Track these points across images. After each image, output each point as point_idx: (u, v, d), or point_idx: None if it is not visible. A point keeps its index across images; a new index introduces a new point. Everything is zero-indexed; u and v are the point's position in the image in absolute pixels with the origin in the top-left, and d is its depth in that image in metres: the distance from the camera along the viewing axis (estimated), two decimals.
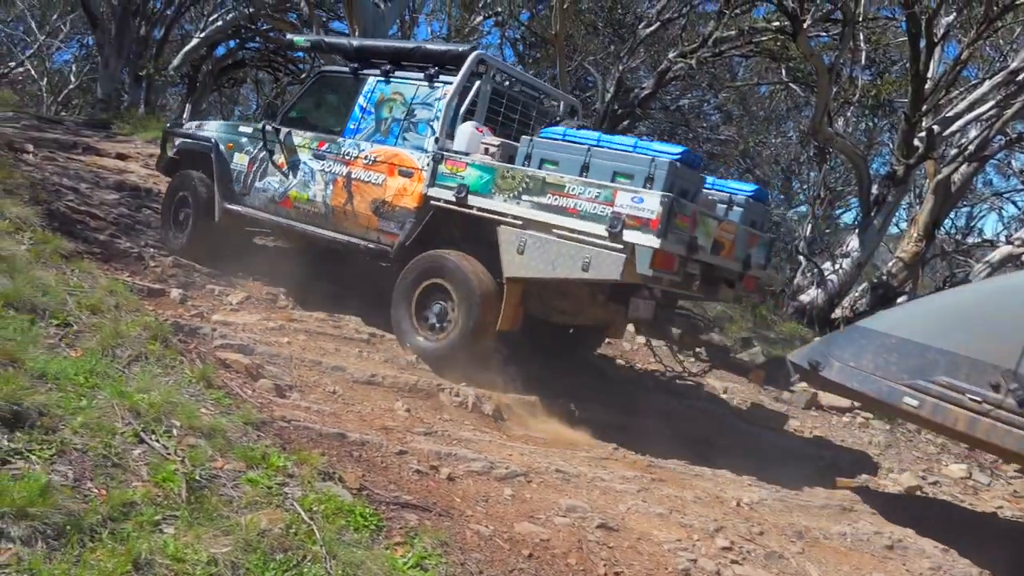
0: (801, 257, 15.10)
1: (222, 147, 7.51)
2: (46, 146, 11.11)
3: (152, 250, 7.34)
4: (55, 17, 23.65)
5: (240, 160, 7.40)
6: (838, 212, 21.03)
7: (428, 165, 6.10)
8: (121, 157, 11.61)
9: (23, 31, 24.22)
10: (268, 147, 7.14)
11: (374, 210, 6.42)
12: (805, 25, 9.91)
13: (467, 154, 6.00)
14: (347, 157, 6.66)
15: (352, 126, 6.78)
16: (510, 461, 4.71)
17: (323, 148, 6.85)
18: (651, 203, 4.99)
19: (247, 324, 6.00)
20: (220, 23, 19.23)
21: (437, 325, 5.97)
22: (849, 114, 15.15)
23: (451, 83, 6.23)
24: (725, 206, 6.22)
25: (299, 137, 7.02)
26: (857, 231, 12.65)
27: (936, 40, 10.89)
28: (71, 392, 3.46)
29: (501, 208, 5.66)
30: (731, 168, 18.61)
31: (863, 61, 13.03)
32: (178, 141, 7.97)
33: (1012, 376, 4.24)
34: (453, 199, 5.90)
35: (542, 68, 17.17)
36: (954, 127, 11.58)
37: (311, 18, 14.99)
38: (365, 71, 6.91)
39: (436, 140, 6.16)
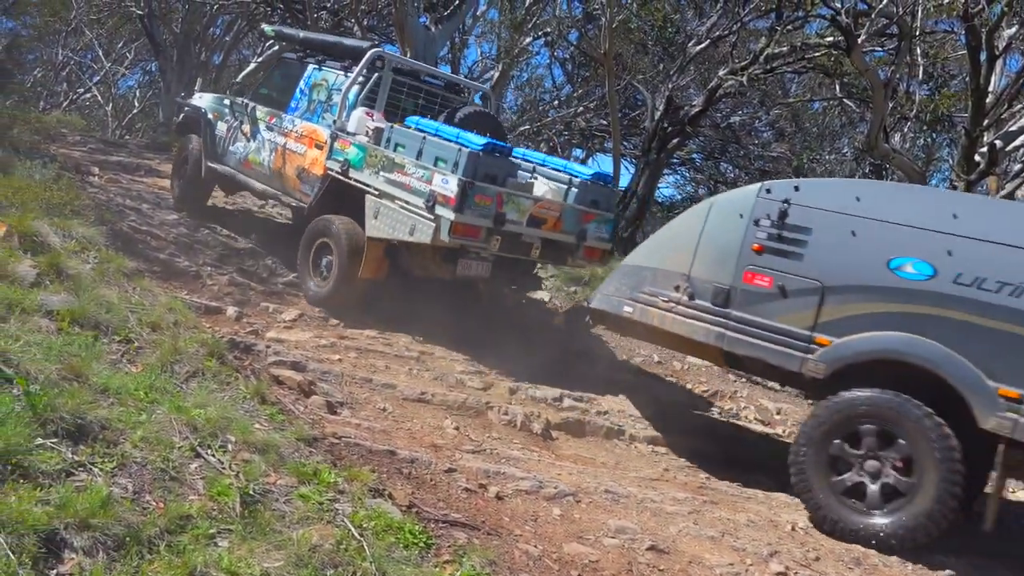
0: None
1: (209, 115, 8.89)
2: (111, 169, 11.54)
3: (209, 268, 7.53)
4: (120, 45, 24.59)
5: (221, 127, 8.75)
6: None
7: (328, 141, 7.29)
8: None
9: (91, 59, 25.24)
10: (238, 118, 8.51)
11: (297, 175, 7.66)
12: (860, 40, 9.75)
13: (353, 134, 7.12)
14: (285, 130, 7.91)
15: (293, 105, 8.02)
16: (559, 480, 4.69)
17: (272, 121, 8.13)
18: (451, 185, 6.08)
19: (300, 341, 6.11)
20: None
21: (325, 274, 7.09)
22: (906, 130, 14.81)
23: (360, 76, 7.41)
24: (566, 186, 7.09)
25: (260, 111, 8.30)
26: None
27: (998, 53, 10.59)
28: (132, 407, 3.56)
29: (367, 180, 6.79)
30: None
31: (920, 75, 12.73)
32: (186, 109, 9.57)
33: (686, 278, 5.53)
34: (339, 171, 7.06)
35: (591, 87, 17.22)
36: (1017, 141, 11.20)
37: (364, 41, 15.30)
38: (307, 60, 8.15)
39: (334, 121, 7.30)
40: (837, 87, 13.61)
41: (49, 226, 5.63)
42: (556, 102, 18.73)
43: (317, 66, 7.97)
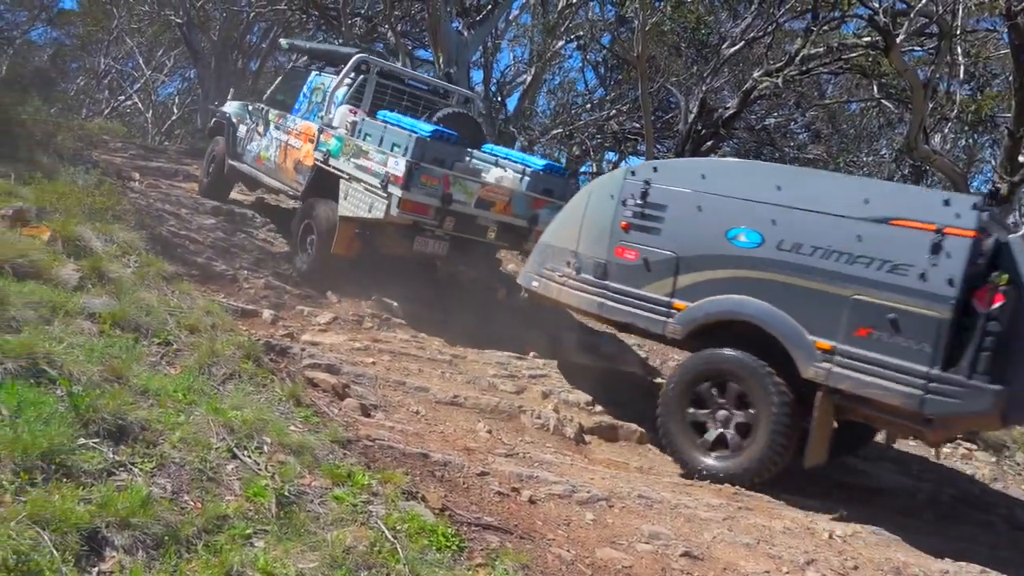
0: None
1: (233, 120, 9.97)
2: (150, 174, 11.77)
3: (246, 272, 7.64)
4: (160, 53, 25.08)
5: (242, 130, 9.80)
6: None
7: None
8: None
9: (132, 67, 25.77)
10: (255, 121, 9.51)
11: (294, 167, 8.55)
12: (898, 40, 9.59)
13: (335, 128, 7.89)
14: (288, 128, 8.84)
15: (296, 107, 8.96)
16: (592, 485, 4.67)
17: (280, 121, 9.05)
18: (400, 166, 6.83)
19: (334, 344, 6.17)
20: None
21: (309, 251, 7.89)
22: (947, 131, 14.50)
23: (347, 79, 8.27)
24: (521, 175, 7.77)
25: (272, 113, 9.26)
26: None
27: None
28: (170, 408, 3.62)
29: (342, 167, 7.53)
30: None
31: (961, 75, 12.47)
32: (216, 115, 10.74)
33: (574, 255, 6.15)
34: (322, 160, 7.86)
35: (624, 90, 17.15)
36: None
37: (397, 47, 15.41)
38: (311, 67, 9.20)
39: (322, 117, 8.19)
40: (875, 88, 13.39)
41: (91, 231, 5.75)
42: (588, 105, 18.68)
43: (317, 72, 8.95)
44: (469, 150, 7.82)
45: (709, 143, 13.81)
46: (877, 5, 9.96)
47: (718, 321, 5.36)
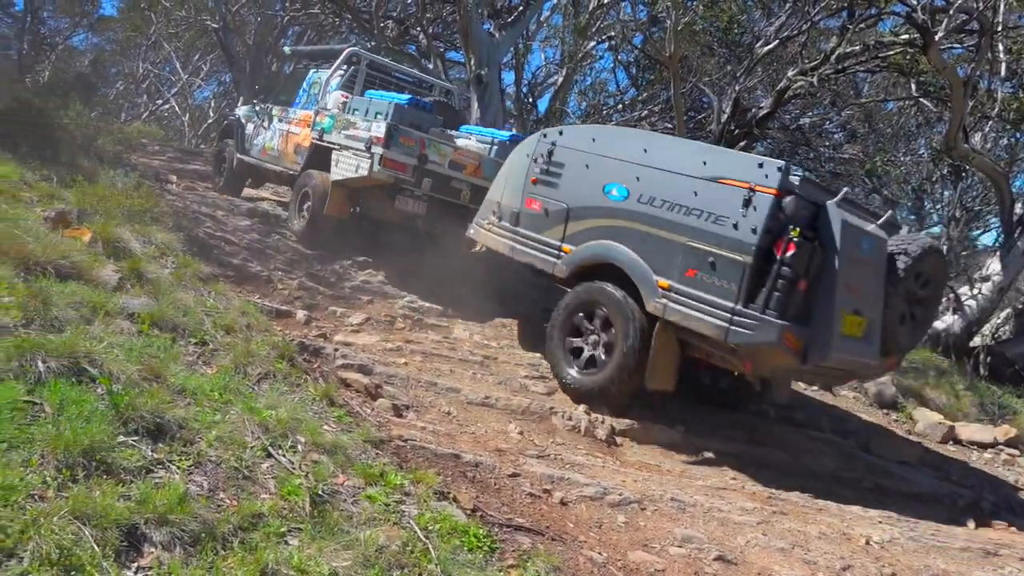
0: None
1: (242, 120, 11.04)
2: (187, 176, 11.98)
3: (280, 273, 7.73)
4: (197, 57, 25.50)
5: (250, 128, 10.81)
6: (976, 233, 19.70)
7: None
8: (253, 186, 12.36)
9: (169, 71, 26.23)
10: (261, 118, 10.56)
11: (294, 150, 9.57)
12: (937, 37, 9.41)
13: (328, 109, 8.99)
14: (288, 119, 9.93)
15: (296, 101, 10.08)
16: (624, 487, 4.64)
17: (282, 114, 10.13)
18: (380, 128, 7.86)
19: (367, 345, 6.21)
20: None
21: (305, 215, 8.78)
22: (987, 129, 14.19)
23: (339, 69, 9.47)
24: (490, 144, 8.79)
25: (275, 109, 10.32)
26: (998, 253, 11.81)
27: None
28: (207, 407, 3.67)
29: (334, 139, 8.54)
30: (856, 188, 17.78)
31: (1003, 72, 12.20)
32: (228, 118, 11.90)
33: (498, 205, 7.04)
34: (318, 137, 8.91)
35: (656, 90, 17.05)
36: None
37: (429, 49, 15.48)
38: (311, 66, 10.32)
39: (318, 101, 9.36)
40: (913, 86, 13.13)
41: (130, 232, 5.86)
42: (620, 106, 18.60)
43: (315, 69, 10.06)
44: (446, 130, 8.93)
45: (743, 143, 13.66)
46: (915, 2, 9.79)
47: (592, 263, 6.16)
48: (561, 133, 6.79)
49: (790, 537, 4.50)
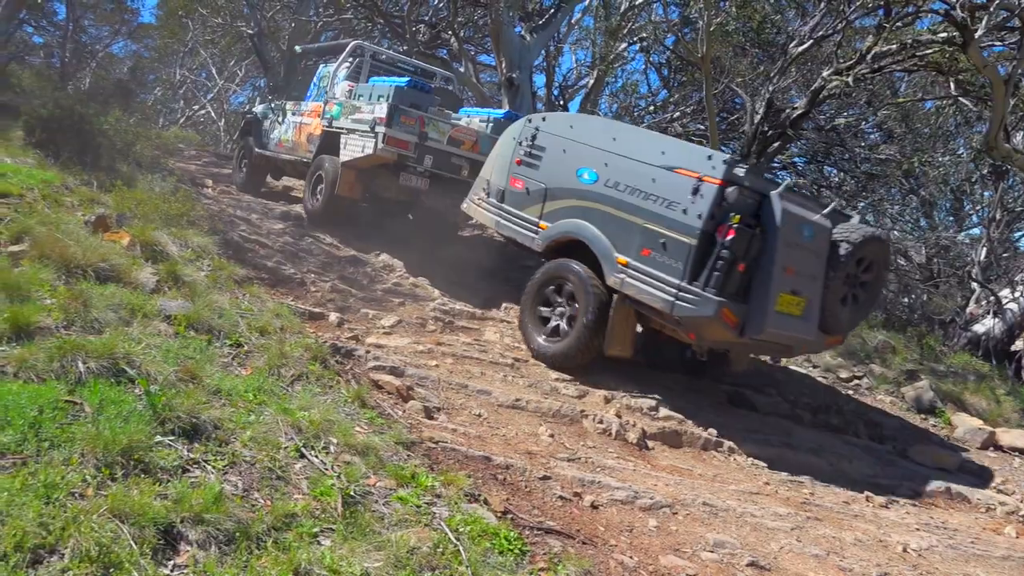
0: (975, 284, 13.93)
1: (259, 117, 11.89)
2: (223, 181, 12.16)
3: (313, 276, 7.81)
4: (232, 63, 25.87)
5: (266, 124, 11.62)
6: (1017, 235, 19.23)
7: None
8: (287, 189, 12.51)
9: (205, 77, 26.67)
10: (276, 114, 11.33)
11: (307, 139, 10.21)
12: (977, 35, 9.22)
13: (336, 98, 9.63)
14: (301, 111, 10.65)
15: (308, 94, 10.89)
16: (655, 491, 4.61)
17: (295, 108, 10.86)
18: (382, 109, 8.39)
19: (398, 347, 6.25)
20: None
21: (318, 196, 9.39)
22: None
23: (346, 61, 10.29)
24: (486, 122, 9.25)
25: (289, 104, 11.12)
26: None
27: None
28: (241, 408, 3.73)
29: (343, 124, 9.10)
30: (892, 188, 17.46)
31: None
32: (246, 117, 12.69)
33: (487, 183, 7.61)
34: (328, 125, 9.53)
35: (688, 91, 16.92)
36: None
37: (460, 52, 15.54)
38: (320, 62, 11.30)
39: (326, 91, 10.06)
40: (952, 85, 12.87)
41: (167, 236, 5.97)
42: (652, 107, 18.49)
43: (324, 63, 10.96)
44: (445, 110, 9.70)
45: (776, 144, 13.51)
46: None
47: (564, 239, 6.72)
48: (544, 119, 7.33)
49: (825, 543, 4.43)
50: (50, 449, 2.91)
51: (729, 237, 5.57)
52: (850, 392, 8.36)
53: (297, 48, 14.18)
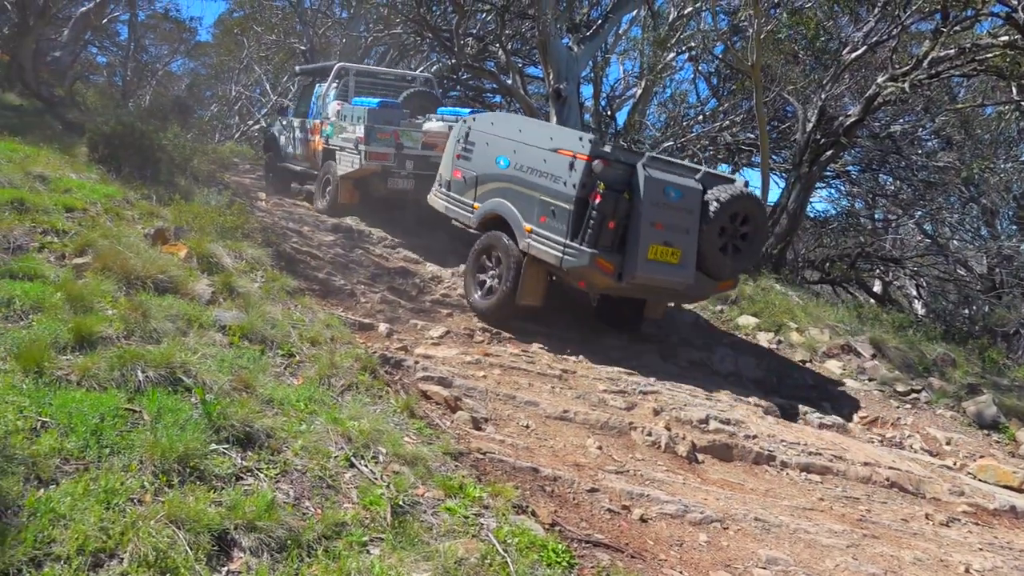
0: None
1: (276, 133, 13.54)
2: (275, 194, 12.41)
3: (363, 287, 7.91)
4: (285, 79, 26.43)
5: (282, 138, 13.20)
6: None
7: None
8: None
9: (259, 93, 27.29)
10: (287, 130, 12.98)
11: (314, 154, 11.79)
12: None
13: (329, 118, 11.23)
14: (306, 127, 12.19)
15: (311, 111, 12.25)
16: (705, 505, 4.54)
17: (302, 126, 12.34)
18: (360, 130, 10.10)
19: (446, 357, 6.29)
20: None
21: (327, 196, 11.03)
22: None
23: (333, 82, 11.72)
24: (454, 122, 9.77)
25: (296, 121, 12.67)
26: None
27: None
28: (293, 417, 3.79)
29: (336, 143, 10.78)
30: (951, 197, 16.97)
31: None
32: (268, 132, 14.41)
33: (440, 175, 9.01)
34: (325, 143, 11.23)
35: (737, 100, 16.72)
36: None
37: (508, 65, 15.63)
38: (318, 81, 12.48)
39: (320, 112, 11.73)
40: (1014, 89, 12.48)
41: (223, 248, 6.12)
42: (700, 117, 18.31)
43: (319, 83, 12.28)
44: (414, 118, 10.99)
45: (829, 152, 13.26)
46: (1015, 2, 9.33)
47: (490, 216, 8.00)
48: (475, 119, 8.73)
49: (882, 562, 4.31)
50: (111, 455, 3.00)
51: (597, 201, 6.84)
52: (906, 405, 8.12)
53: (296, 68, 15.80)
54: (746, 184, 7.70)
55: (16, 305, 4.05)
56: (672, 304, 8.77)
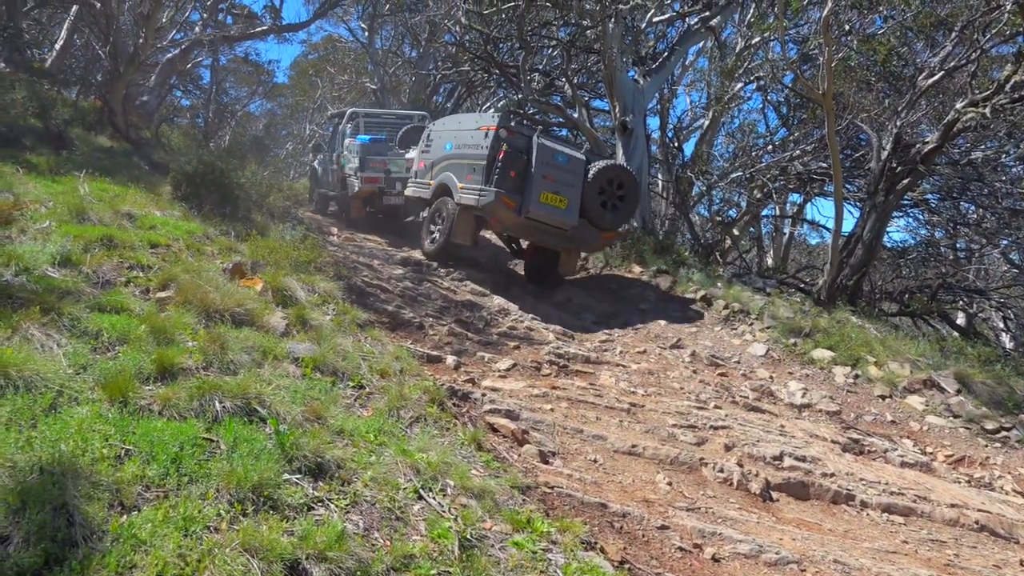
0: None
1: (316, 166, 17.00)
2: (347, 229, 12.75)
3: (431, 319, 8.00)
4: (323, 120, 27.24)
5: (320, 171, 16.56)
6: None
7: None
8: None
9: (331, 130, 28.14)
10: (321, 164, 16.53)
11: (338, 181, 14.92)
12: None
13: (343, 153, 14.53)
14: (332, 160, 15.45)
15: (335, 147, 15.37)
16: (781, 546, 4.39)
17: (330, 157, 15.64)
18: (356, 162, 13.48)
19: (513, 390, 6.28)
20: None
21: (347, 211, 14.61)
22: None
23: (348, 123, 14.96)
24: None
25: (328, 156, 15.97)
26: None
27: None
28: (363, 448, 3.83)
29: (348, 171, 14.02)
30: None
31: None
32: (309, 168, 18.45)
33: (410, 169, 12.22)
34: (342, 173, 14.51)
35: (808, 129, 16.43)
36: None
37: (574, 99, 15.75)
38: (338, 122, 15.75)
39: (336, 148, 15.34)
40: None
41: (296, 281, 6.28)
42: (770, 147, 18.05)
43: (340, 124, 15.24)
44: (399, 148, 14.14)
45: (906, 180, 12.86)
46: None
47: (440, 186, 10.59)
48: (433, 124, 11.65)
49: None
50: (189, 483, 3.09)
51: (501, 156, 9.56)
52: (995, 444, 7.71)
53: (328, 113, 19.74)
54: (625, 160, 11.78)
55: (104, 337, 4.23)
56: (582, 256, 11.59)
